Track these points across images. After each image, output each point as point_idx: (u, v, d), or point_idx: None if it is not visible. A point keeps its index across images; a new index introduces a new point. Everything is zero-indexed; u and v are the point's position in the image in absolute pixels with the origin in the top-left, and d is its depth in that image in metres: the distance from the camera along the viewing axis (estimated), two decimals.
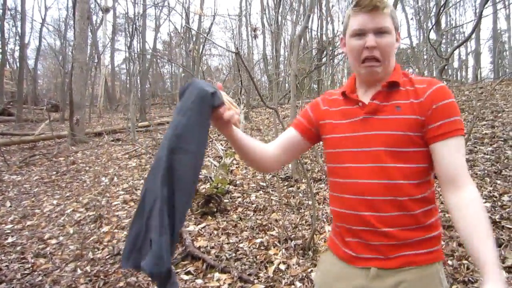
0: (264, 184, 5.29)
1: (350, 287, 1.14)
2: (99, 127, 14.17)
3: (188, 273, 3.07)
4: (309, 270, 2.95)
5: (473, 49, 21.19)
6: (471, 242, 0.98)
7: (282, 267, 3.04)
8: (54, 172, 7.44)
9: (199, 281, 2.95)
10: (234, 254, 3.33)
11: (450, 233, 3.15)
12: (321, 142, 1.30)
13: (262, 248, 3.40)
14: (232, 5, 35.43)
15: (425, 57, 17.51)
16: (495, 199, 3.74)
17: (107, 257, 3.55)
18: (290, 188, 5.05)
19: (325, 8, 16.45)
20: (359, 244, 1.13)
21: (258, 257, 3.22)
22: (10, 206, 5.50)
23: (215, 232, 3.87)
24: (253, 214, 4.31)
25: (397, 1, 17.31)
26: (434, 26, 5.00)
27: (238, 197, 4.95)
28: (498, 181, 4.12)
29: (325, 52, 10.91)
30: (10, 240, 4.16)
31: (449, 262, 2.70)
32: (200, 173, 5.80)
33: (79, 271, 3.30)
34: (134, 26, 17.72)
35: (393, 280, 1.08)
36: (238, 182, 5.54)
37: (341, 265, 1.18)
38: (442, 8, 5.07)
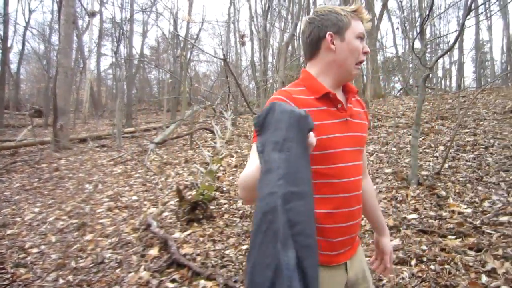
0: None
1: (333, 285, 1.20)
2: (84, 133, 13.99)
3: (173, 281, 3.02)
4: None
5: (456, 58, 21.66)
6: (375, 212, 1.45)
7: None
8: (36, 179, 7.30)
9: None
10: (220, 261, 3.30)
11: (433, 238, 3.18)
12: None
13: None
14: (221, 12, 35.50)
15: (410, 65, 17.83)
16: (476, 205, 3.79)
17: (90, 265, 3.48)
18: None
19: (312, 11, 16.59)
20: (341, 242, 1.20)
21: (244, 264, 3.20)
22: None
23: (201, 239, 3.83)
24: (240, 221, 4.28)
25: (383, 10, 17.51)
26: (418, 36, 5.08)
27: (225, 203, 4.92)
28: (479, 187, 4.19)
29: None
30: None
31: (432, 267, 2.71)
32: (187, 180, 5.71)
33: (61, 281, 3.22)
34: (121, 31, 17.58)
35: (357, 262, 1.30)
36: (224, 189, 5.51)
37: (321, 269, 1.18)
38: (426, 19, 5.16)
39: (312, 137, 0.85)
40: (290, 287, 0.65)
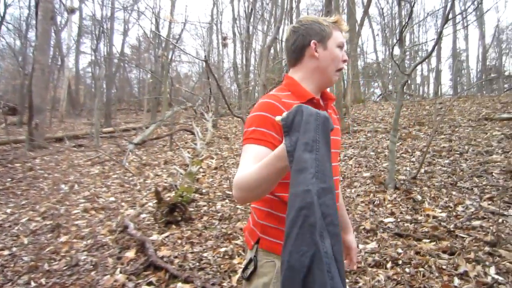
0: (230, 193, 5.26)
1: None
2: (61, 132, 13.67)
3: (150, 283, 2.98)
4: None
5: (434, 66, 22.22)
6: (340, 211, 1.47)
7: None
8: (9, 179, 7.08)
9: None
10: (198, 264, 3.27)
11: (408, 242, 3.24)
12: None
13: (226, 257, 3.36)
14: (203, 13, 35.29)
15: (389, 72, 18.18)
16: (450, 209, 3.89)
17: (64, 268, 3.39)
18: None
19: (295, 20, 16.73)
20: None
21: (222, 266, 3.18)
22: None
23: (179, 241, 3.79)
24: (218, 223, 4.26)
25: (364, 17, 17.79)
26: (397, 43, 5.19)
27: (204, 205, 4.89)
28: (454, 192, 4.30)
29: None
30: None
31: (406, 270, 2.77)
32: (166, 181, 5.66)
33: (33, 284, 3.13)
34: (101, 28, 17.29)
35: None
36: (204, 191, 5.47)
37: None
38: (405, 26, 5.28)
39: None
40: (329, 271, 0.72)
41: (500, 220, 3.43)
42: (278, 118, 0.92)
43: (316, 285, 0.71)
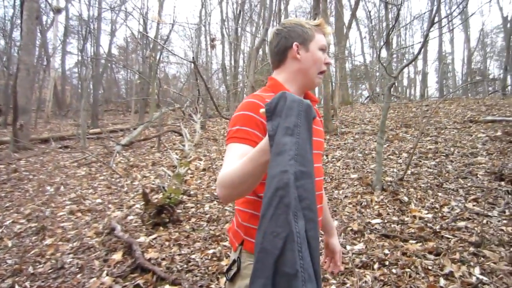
0: None
1: None
2: (46, 133, 13.48)
3: (137, 286, 2.95)
4: None
5: (420, 68, 22.54)
6: (324, 213, 1.51)
7: None
8: None
9: None
10: (185, 266, 3.25)
11: (395, 242, 3.28)
12: None
13: (214, 259, 3.35)
14: (192, 14, 35.19)
15: (377, 74, 18.37)
16: (436, 210, 3.94)
17: (49, 271, 3.34)
18: None
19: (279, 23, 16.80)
20: None
21: (210, 268, 3.17)
22: None
23: (167, 243, 3.76)
24: (206, 225, 4.25)
25: (352, 19, 17.93)
26: (384, 45, 5.24)
27: (192, 207, 4.86)
28: (440, 194, 4.36)
29: None
30: None
31: (393, 271, 2.79)
32: (154, 183, 5.61)
33: (17, 287, 3.07)
34: (88, 29, 17.07)
35: None
36: (192, 192, 5.45)
37: None
38: (392, 29, 5.34)
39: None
40: (300, 252, 0.71)
41: (484, 221, 3.49)
42: (262, 110, 0.93)
43: (287, 266, 0.70)
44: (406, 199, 4.30)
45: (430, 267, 2.79)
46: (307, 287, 0.68)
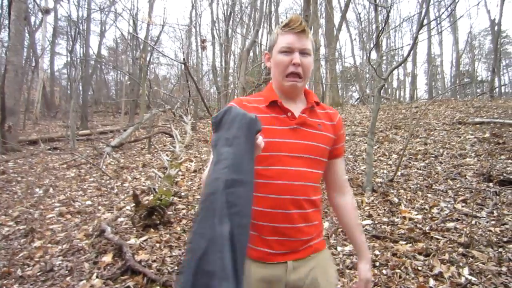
0: None
1: (269, 282, 1.23)
2: (35, 134, 13.32)
3: None
4: None
5: (410, 70, 22.78)
6: (353, 233, 1.42)
7: None
8: None
9: None
10: (176, 267, 3.23)
11: (385, 243, 3.30)
12: None
13: None
14: (182, 15, 35.10)
15: (367, 76, 18.50)
16: (425, 211, 3.98)
17: (38, 274, 3.29)
18: None
19: (274, 23, 16.86)
20: (278, 241, 1.24)
21: None
22: None
23: (157, 245, 3.74)
24: None
25: (342, 21, 18.03)
26: (374, 47, 5.29)
27: (183, 209, 4.84)
28: (429, 195, 4.41)
29: None
30: None
31: (384, 272, 2.81)
32: (144, 185, 5.58)
33: None
34: (77, 29, 16.92)
35: (306, 268, 1.27)
36: (183, 194, 5.43)
37: (256, 265, 1.24)
38: (381, 31, 5.39)
39: (260, 138, 0.98)
40: (221, 252, 0.75)
41: (473, 222, 3.53)
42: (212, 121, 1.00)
43: (207, 265, 0.75)
44: (396, 200, 4.34)
45: (420, 268, 2.82)
46: (223, 285, 0.73)
